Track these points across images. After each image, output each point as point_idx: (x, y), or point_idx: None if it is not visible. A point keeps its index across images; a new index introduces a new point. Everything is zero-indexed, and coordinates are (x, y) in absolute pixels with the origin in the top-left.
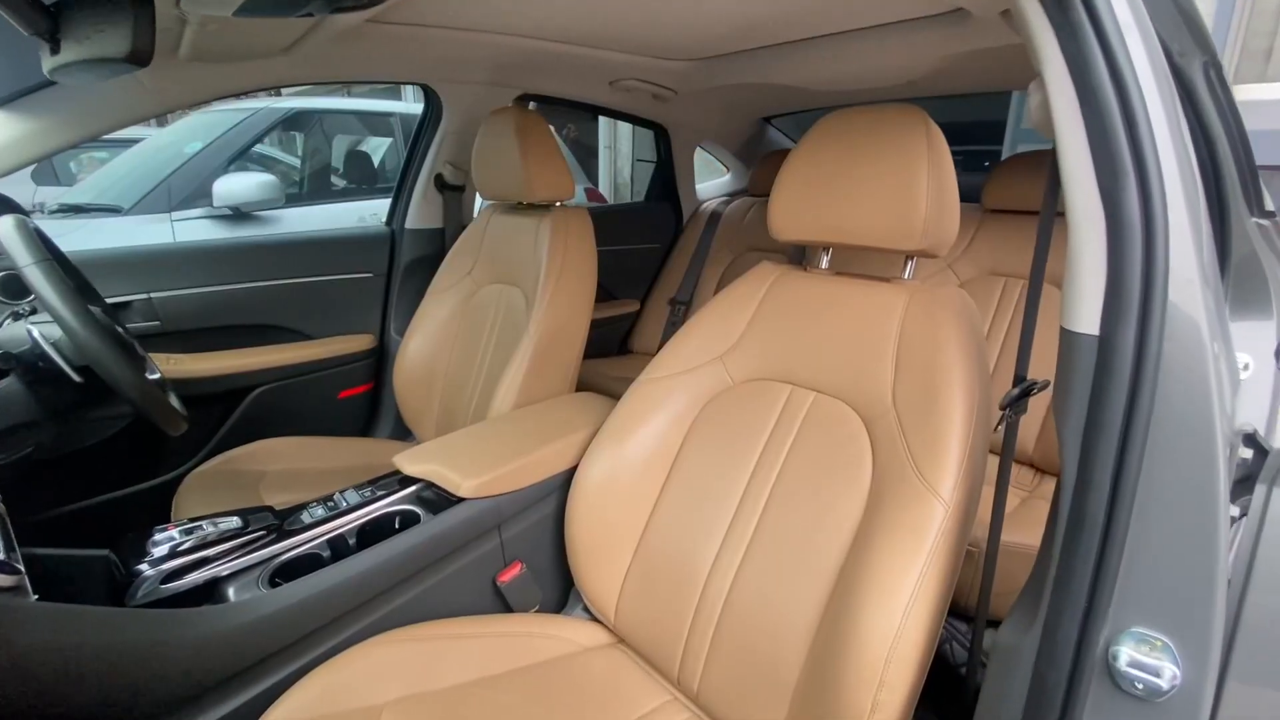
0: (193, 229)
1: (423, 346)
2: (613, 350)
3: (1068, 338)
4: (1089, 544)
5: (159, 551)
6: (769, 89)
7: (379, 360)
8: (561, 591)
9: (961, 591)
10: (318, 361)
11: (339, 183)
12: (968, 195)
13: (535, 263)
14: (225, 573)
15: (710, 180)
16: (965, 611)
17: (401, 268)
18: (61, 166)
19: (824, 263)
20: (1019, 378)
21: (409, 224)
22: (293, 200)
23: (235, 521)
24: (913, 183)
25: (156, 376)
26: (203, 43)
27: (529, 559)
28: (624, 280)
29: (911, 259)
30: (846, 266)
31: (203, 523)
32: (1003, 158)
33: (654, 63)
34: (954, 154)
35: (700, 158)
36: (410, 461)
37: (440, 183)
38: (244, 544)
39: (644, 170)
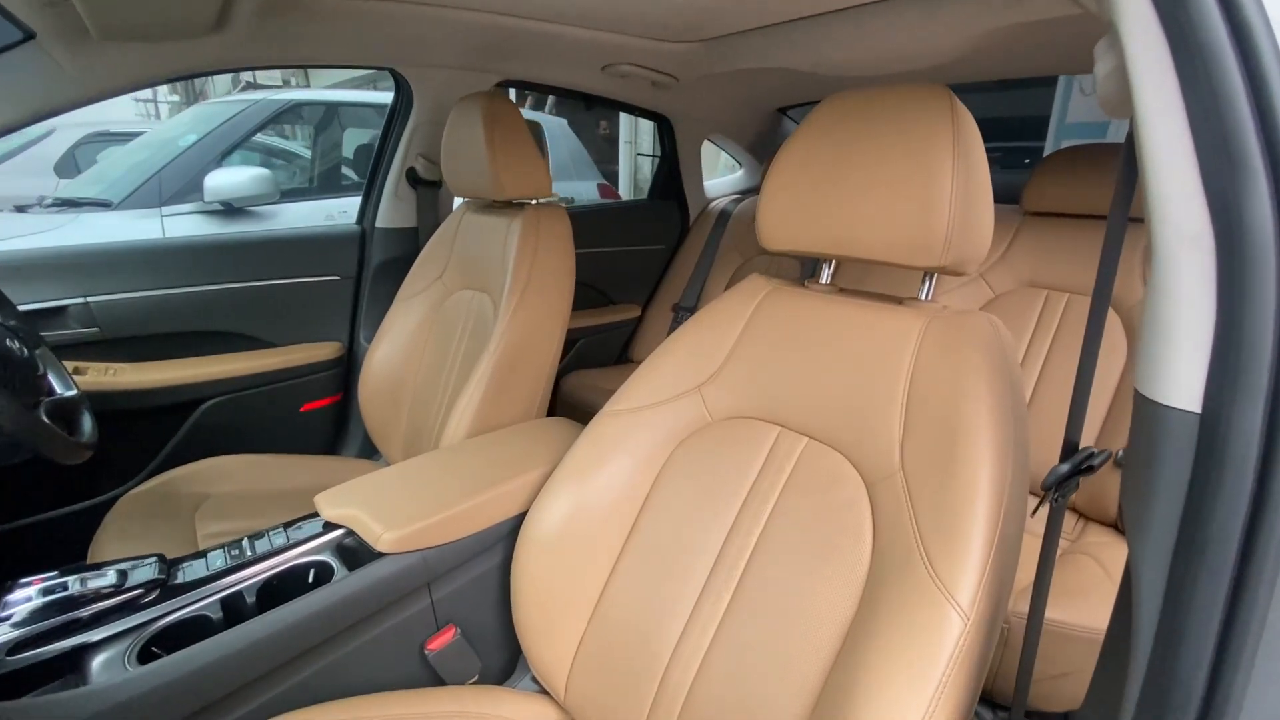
0: (183, 225)
1: (389, 357)
2: (611, 360)
3: (1148, 410)
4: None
5: (10, 614)
6: (783, 75)
7: (347, 370)
8: (508, 658)
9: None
10: (276, 372)
11: (352, 176)
12: (1005, 196)
13: (504, 268)
14: (92, 640)
15: (722, 177)
16: (989, 695)
17: (372, 270)
18: (86, 160)
19: (825, 277)
20: (1069, 446)
21: (380, 223)
22: (300, 194)
23: (110, 576)
24: (935, 181)
25: (73, 393)
26: (101, 18)
27: (466, 622)
28: (624, 284)
29: (931, 276)
30: (853, 282)
31: (68, 579)
32: (1047, 154)
33: (652, 45)
34: (989, 150)
35: (710, 153)
36: (330, 503)
37: (413, 178)
38: (120, 605)
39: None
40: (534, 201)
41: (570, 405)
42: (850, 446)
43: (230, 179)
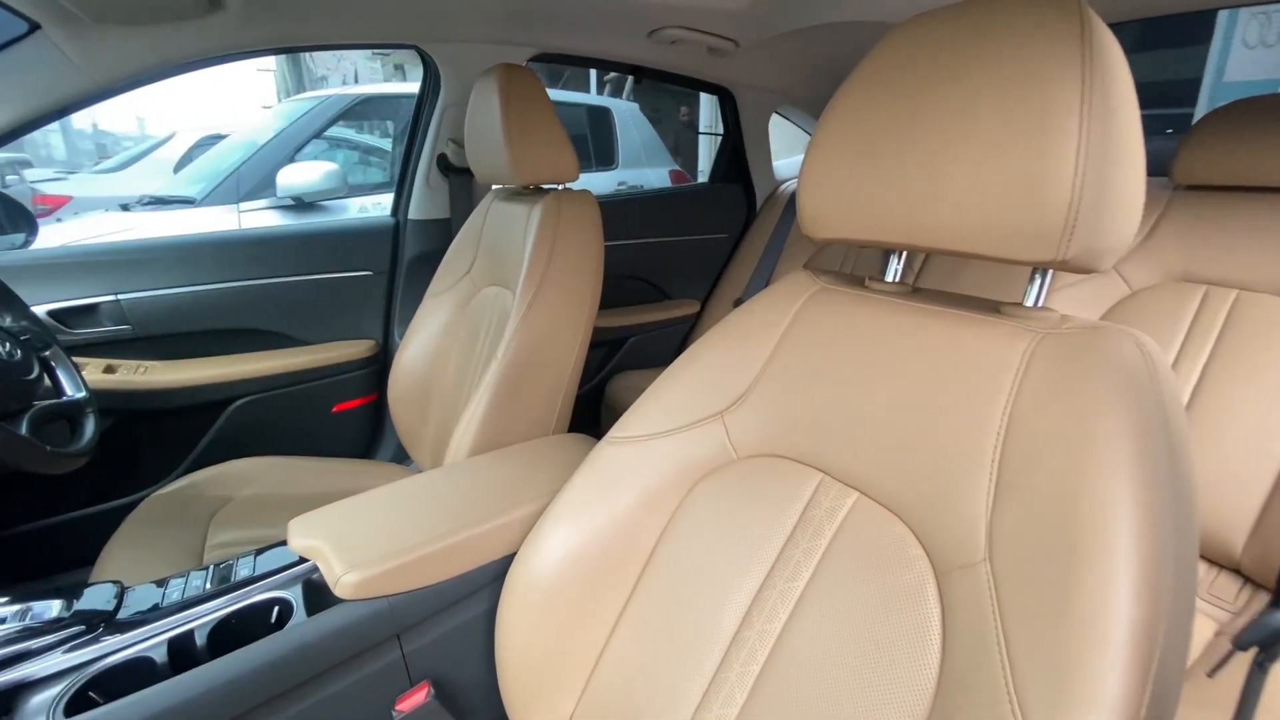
0: (258, 219)
1: (417, 358)
2: (666, 361)
3: None
4: None
5: None
6: (862, 31)
7: (381, 370)
8: (495, 717)
9: None
10: (308, 371)
11: None
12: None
13: (522, 261)
14: (24, 680)
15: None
16: None
17: (405, 264)
18: None
19: (892, 275)
20: None
21: (412, 214)
22: (375, 188)
23: (55, 607)
24: (1054, 137)
25: (81, 395)
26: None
27: (444, 679)
28: (682, 277)
29: (1043, 274)
30: (929, 281)
31: (6, 611)
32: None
33: (704, 2)
34: None
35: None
36: (301, 530)
37: (444, 165)
38: (60, 640)
39: None
40: (560, 187)
41: (615, 411)
42: (915, 513)
43: (300, 174)
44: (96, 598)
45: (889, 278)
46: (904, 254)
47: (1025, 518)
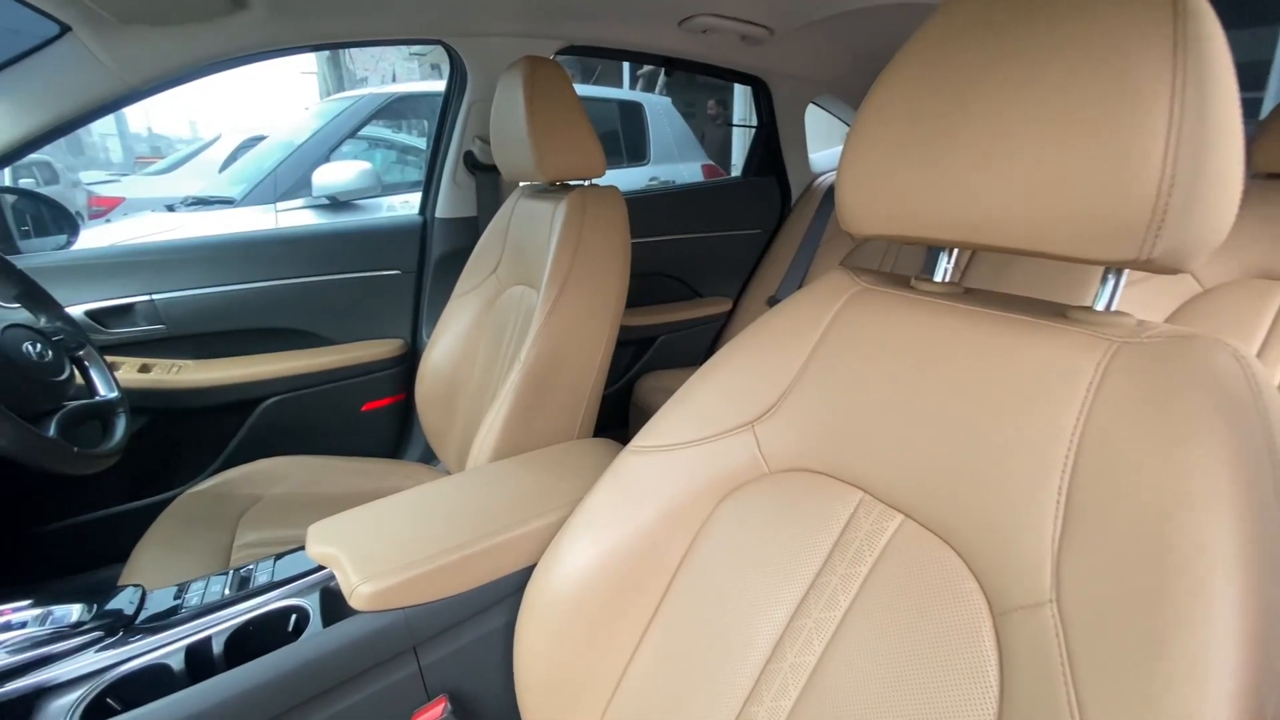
0: (295, 218)
1: (443, 359)
2: (695, 360)
3: None
4: None
5: None
6: (906, 14)
7: (409, 370)
8: None
9: None
10: (336, 370)
11: None
12: None
13: (546, 260)
14: (42, 686)
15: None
16: None
17: (433, 263)
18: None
19: (941, 274)
20: None
21: (439, 212)
22: (415, 186)
23: (76, 611)
24: (1141, 117)
25: (113, 395)
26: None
27: (462, 694)
28: (713, 274)
29: (1117, 274)
30: (974, 280)
31: (29, 615)
32: (1266, 107)
33: None
34: None
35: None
36: (319, 536)
37: (471, 162)
38: (79, 646)
39: None
40: (586, 183)
41: (644, 411)
42: (968, 542)
43: (335, 174)
44: (118, 602)
45: (937, 277)
46: (954, 252)
47: (1101, 556)
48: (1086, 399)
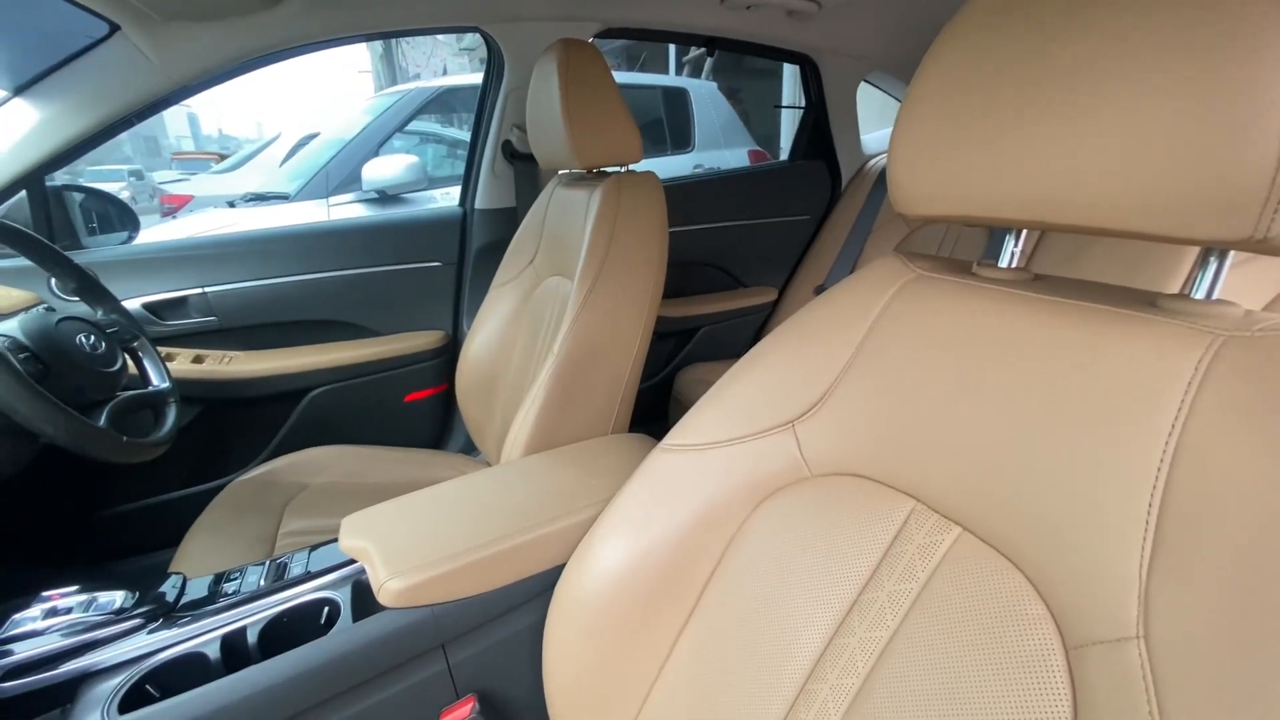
0: (346, 212)
1: (483, 351)
2: (739, 352)
3: None
4: None
5: (15, 634)
6: None
7: (451, 361)
8: None
9: None
10: (379, 361)
11: None
12: None
13: (580, 249)
14: (84, 671)
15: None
16: None
17: (473, 254)
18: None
19: (1009, 259)
20: None
21: (479, 203)
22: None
23: (119, 598)
24: (1252, 70)
25: (165, 386)
26: None
27: (491, 694)
28: (759, 263)
29: (1220, 256)
30: (1044, 265)
31: (74, 601)
32: None
33: None
34: None
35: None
36: (352, 529)
37: (509, 152)
38: (120, 633)
39: None
40: (623, 169)
41: (683, 404)
42: (1035, 561)
43: (383, 168)
44: (160, 589)
45: (1004, 263)
46: (1023, 234)
47: (1199, 588)
48: (1184, 402)
